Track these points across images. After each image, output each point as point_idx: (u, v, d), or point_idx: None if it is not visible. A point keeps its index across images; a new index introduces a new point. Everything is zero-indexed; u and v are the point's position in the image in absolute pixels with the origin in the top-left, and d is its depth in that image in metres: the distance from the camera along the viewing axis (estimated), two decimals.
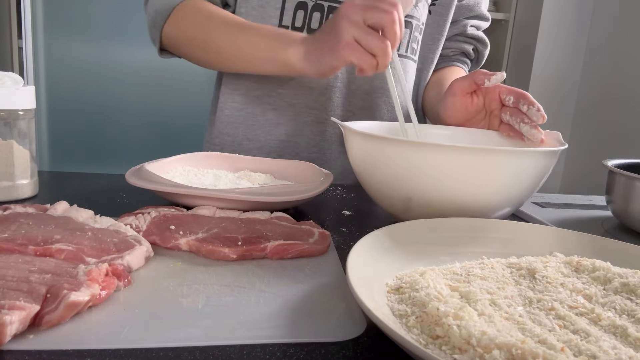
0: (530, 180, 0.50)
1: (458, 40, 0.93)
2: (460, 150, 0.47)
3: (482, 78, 0.64)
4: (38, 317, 0.31)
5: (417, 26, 0.83)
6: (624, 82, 1.88)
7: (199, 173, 0.66)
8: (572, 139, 2.13)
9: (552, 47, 2.08)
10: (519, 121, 0.60)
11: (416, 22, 0.83)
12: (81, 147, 1.94)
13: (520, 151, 0.48)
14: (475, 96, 0.66)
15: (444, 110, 0.69)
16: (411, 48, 0.84)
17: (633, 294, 0.36)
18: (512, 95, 0.62)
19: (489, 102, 0.65)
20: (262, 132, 0.83)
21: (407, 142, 0.49)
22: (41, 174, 0.65)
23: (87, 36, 1.86)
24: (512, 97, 0.62)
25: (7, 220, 0.44)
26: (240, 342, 0.31)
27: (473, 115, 0.67)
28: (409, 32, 0.82)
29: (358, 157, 0.54)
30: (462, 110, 0.67)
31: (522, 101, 0.60)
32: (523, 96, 0.61)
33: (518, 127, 0.60)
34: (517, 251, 0.45)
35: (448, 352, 0.28)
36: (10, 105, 0.56)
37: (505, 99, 0.63)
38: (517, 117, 0.61)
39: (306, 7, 0.76)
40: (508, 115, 0.62)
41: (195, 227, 0.47)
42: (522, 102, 0.60)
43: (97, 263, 0.37)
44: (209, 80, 0.93)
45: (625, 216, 0.61)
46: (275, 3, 0.76)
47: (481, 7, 0.91)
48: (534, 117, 0.59)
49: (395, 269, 0.39)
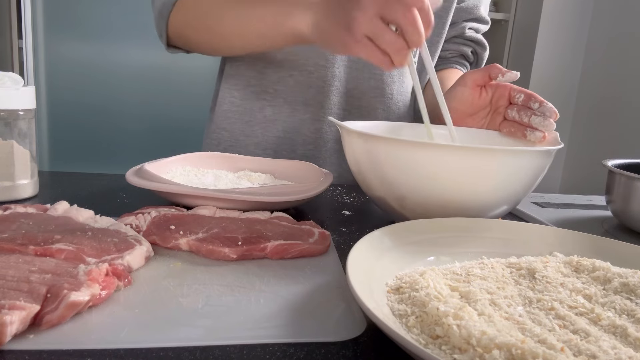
0: (526, 179, 0.50)
1: (456, 42, 0.92)
2: (456, 149, 0.47)
3: (497, 72, 0.63)
4: (38, 317, 0.31)
5: None
6: (624, 82, 1.88)
7: (199, 173, 0.67)
8: (572, 139, 2.13)
9: (552, 47, 2.08)
10: (530, 114, 0.60)
11: None
12: (81, 147, 1.94)
13: (515, 150, 0.49)
14: (484, 91, 0.66)
15: (449, 101, 0.68)
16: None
17: (633, 293, 0.36)
18: (522, 94, 0.62)
19: (497, 98, 0.65)
20: (259, 128, 0.83)
21: (402, 142, 0.49)
22: (41, 174, 0.65)
23: (87, 36, 1.86)
24: (523, 95, 0.62)
25: (7, 220, 0.44)
26: (240, 342, 0.31)
27: (478, 109, 0.67)
28: None
29: (354, 156, 0.55)
30: (468, 103, 0.66)
31: (533, 99, 0.61)
32: (534, 96, 0.61)
33: (528, 120, 0.60)
34: (517, 251, 0.45)
35: (448, 352, 0.28)
36: (10, 105, 0.56)
37: (516, 96, 0.63)
38: (526, 112, 0.61)
39: None
40: (515, 111, 0.62)
41: (196, 227, 0.47)
42: (533, 100, 0.60)
43: (97, 263, 0.37)
44: (209, 80, 0.94)
45: (625, 216, 0.61)
46: None
47: (480, 9, 0.91)
48: (547, 112, 0.59)
49: (395, 269, 0.39)
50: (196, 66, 1.90)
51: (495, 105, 0.66)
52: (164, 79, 1.93)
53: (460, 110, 0.67)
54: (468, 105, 0.67)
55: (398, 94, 0.86)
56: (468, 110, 0.67)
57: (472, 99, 0.66)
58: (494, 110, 0.66)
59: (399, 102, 0.86)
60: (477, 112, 0.67)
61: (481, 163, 0.47)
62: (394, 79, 0.84)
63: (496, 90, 0.65)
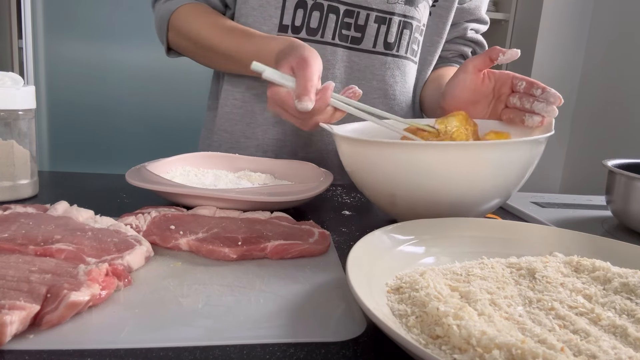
0: (517, 171, 0.51)
1: (457, 42, 0.93)
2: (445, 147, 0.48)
3: (497, 53, 0.63)
4: (38, 317, 0.31)
5: (418, 27, 0.83)
6: (624, 82, 1.88)
7: (199, 173, 0.67)
8: (572, 139, 2.13)
9: (552, 47, 2.08)
10: (532, 101, 0.60)
11: (417, 23, 0.83)
12: (81, 147, 1.94)
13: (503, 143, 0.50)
14: (486, 78, 0.66)
15: (451, 89, 0.68)
16: (411, 49, 0.84)
17: (633, 293, 0.36)
18: (524, 82, 0.62)
19: (499, 86, 0.65)
20: (259, 131, 0.83)
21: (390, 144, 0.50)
22: (41, 174, 0.65)
23: (87, 36, 1.86)
24: (525, 83, 0.62)
25: (7, 220, 0.44)
26: (240, 342, 0.31)
27: (481, 97, 0.66)
28: (409, 33, 0.82)
29: (347, 158, 0.56)
30: (470, 89, 0.66)
31: (535, 86, 0.61)
32: (536, 83, 0.61)
33: (530, 106, 0.60)
34: (517, 251, 0.45)
35: (448, 352, 0.28)
36: (10, 105, 0.56)
37: (518, 84, 0.63)
38: (528, 98, 0.61)
39: (305, 6, 0.76)
40: (517, 98, 0.62)
41: (196, 227, 0.47)
42: (535, 86, 0.60)
43: (97, 263, 0.37)
44: (209, 80, 0.94)
45: (625, 216, 0.61)
46: (276, 2, 0.76)
47: (481, 10, 0.91)
48: (551, 98, 0.59)
49: (395, 269, 0.39)
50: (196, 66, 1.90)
51: (497, 93, 0.66)
52: (164, 79, 1.93)
53: (463, 97, 0.67)
54: (470, 92, 0.66)
55: (400, 95, 0.85)
56: (470, 98, 0.67)
57: (474, 85, 0.66)
58: (497, 98, 0.66)
59: (401, 102, 0.86)
60: (480, 99, 0.66)
61: (471, 158, 0.48)
62: (397, 79, 0.84)
63: (498, 78, 0.65)
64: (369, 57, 0.81)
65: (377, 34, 0.79)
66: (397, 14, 0.79)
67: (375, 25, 0.79)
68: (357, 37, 0.79)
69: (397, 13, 0.79)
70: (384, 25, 0.79)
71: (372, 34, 0.79)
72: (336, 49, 0.79)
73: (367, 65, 0.81)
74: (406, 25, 0.81)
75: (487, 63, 0.65)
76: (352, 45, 0.79)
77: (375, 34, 0.79)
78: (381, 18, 0.79)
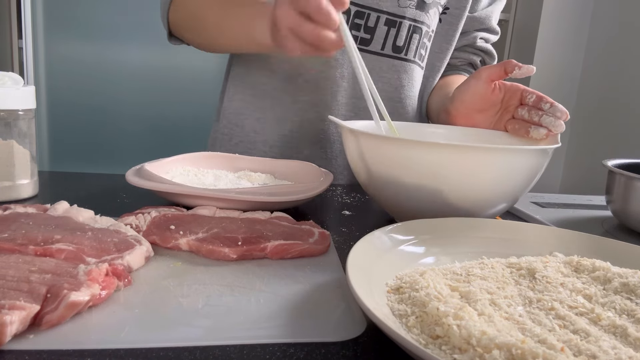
0: (524, 178, 0.51)
1: (467, 51, 0.92)
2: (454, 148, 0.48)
3: (513, 66, 0.64)
4: (38, 317, 0.31)
5: (427, 33, 0.83)
6: (624, 82, 1.88)
7: (199, 173, 0.66)
8: (572, 139, 2.13)
9: (552, 47, 2.08)
10: (541, 114, 0.61)
11: (426, 29, 0.83)
12: (81, 147, 1.94)
13: (513, 149, 0.49)
14: (497, 88, 0.66)
15: (461, 94, 0.68)
16: (419, 54, 0.84)
17: (633, 293, 0.36)
18: (534, 95, 0.63)
19: (509, 97, 0.66)
20: (267, 126, 0.83)
21: (401, 140, 0.49)
22: (41, 174, 0.65)
23: (87, 36, 1.86)
24: (534, 97, 0.63)
25: (7, 220, 0.44)
26: (240, 342, 0.31)
27: (488, 106, 0.67)
28: (419, 38, 0.82)
29: (352, 154, 0.55)
30: (480, 96, 0.66)
31: (544, 100, 0.61)
32: (545, 97, 0.62)
33: (538, 119, 0.61)
34: (517, 251, 0.45)
35: (448, 352, 0.28)
36: (10, 105, 0.56)
37: (528, 96, 0.63)
38: (536, 111, 0.62)
39: None
40: (525, 110, 0.63)
41: (196, 227, 0.47)
42: (544, 101, 0.61)
43: (97, 263, 0.37)
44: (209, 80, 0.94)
45: (624, 216, 0.61)
46: None
47: (492, 20, 0.91)
48: (559, 113, 0.60)
49: (395, 269, 0.39)
50: (196, 66, 1.90)
51: (505, 104, 0.66)
52: (164, 78, 1.93)
53: (471, 104, 0.67)
54: (479, 99, 0.67)
55: (406, 98, 0.85)
56: (478, 105, 0.67)
57: (484, 93, 0.66)
58: (504, 109, 0.66)
59: (407, 106, 0.86)
60: (488, 108, 0.67)
61: (479, 161, 0.48)
62: (403, 83, 0.84)
63: (509, 89, 0.66)
64: (377, 59, 0.81)
65: (387, 36, 0.80)
66: (408, 18, 0.79)
67: (385, 28, 0.79)
68: (367, 38, 0.79)
69: (408, 17, 0.79)
70: (394, 29, 0.79)
71: (382, 37, 0.79)
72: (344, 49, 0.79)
73: (374, 67, 0.81)
74: (416, 30, 0.81)
75: (501, 74, 0.66)
76: (360, 46, 0.79)
77: (385, 36, 0.79)
78: (391, 21, 0.79)
